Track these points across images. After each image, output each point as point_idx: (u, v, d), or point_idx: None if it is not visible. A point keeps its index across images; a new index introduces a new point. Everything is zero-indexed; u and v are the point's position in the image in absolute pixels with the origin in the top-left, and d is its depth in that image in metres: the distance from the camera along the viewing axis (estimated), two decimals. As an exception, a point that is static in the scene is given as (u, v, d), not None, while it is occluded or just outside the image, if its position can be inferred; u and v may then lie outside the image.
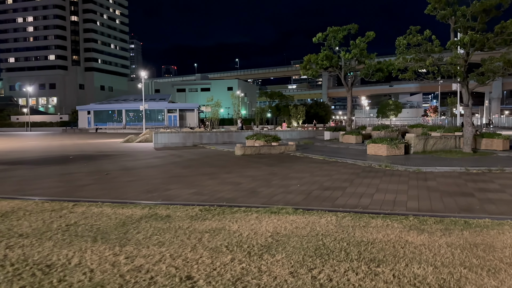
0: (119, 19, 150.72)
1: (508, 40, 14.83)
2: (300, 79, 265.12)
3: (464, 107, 16.06)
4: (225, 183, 10.53)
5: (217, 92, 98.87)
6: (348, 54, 23.70)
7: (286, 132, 31.09)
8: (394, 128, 23.72)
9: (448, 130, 20.55)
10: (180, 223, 6.27)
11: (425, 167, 12.58)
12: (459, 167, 12.35)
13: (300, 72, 25.54)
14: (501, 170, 11.87)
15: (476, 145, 17.28)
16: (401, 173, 11.94)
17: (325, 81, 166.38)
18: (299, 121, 67.32)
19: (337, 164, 14.50)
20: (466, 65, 15.48)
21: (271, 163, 15.22)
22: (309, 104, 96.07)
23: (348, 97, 25.74)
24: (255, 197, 8.66)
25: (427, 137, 17.40)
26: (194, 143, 25.87)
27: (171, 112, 75.09)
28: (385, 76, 24.62)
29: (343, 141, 24.02)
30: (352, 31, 24.63)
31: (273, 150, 19.19)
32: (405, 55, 15.63)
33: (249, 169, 13.32)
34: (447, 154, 16.06)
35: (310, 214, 6.84)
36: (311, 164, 14.77)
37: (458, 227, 5.90)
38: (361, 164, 14.44)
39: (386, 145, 16.23)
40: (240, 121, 41.26)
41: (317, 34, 24.39)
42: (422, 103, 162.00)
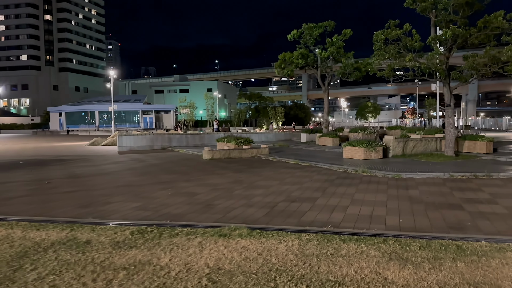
0: (95, 19, 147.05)
1: (491, 36, 13.92)
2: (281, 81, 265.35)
3: (446, 107, 15.08)
4: (179, 194, 9.11)
5: (196, 93, 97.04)
6: (324, 53, 22.58)
7: (262, 134, 29.80)
8: (372, 130, 22.72)
9: (429, 132, 19.62)
10: (97, 254, 4.84)
11: (405, 173, 11.44)
12: (442, 173, 11.25)
13: (275, 71, 24.28)
14: (488, 176, 10.82)
15: (458, 148, 16.36)
16: (379, 180, 10.75)
17: (305, 83, 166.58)
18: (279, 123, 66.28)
19: (310, 170, 13.25)
20: (448, 62, 14.50)
21: (239, 168, 13.86)
22: (289, 106, 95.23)
23: (325, 98, 24.63)
24: (208, 212, 7.27)
25: (406, 140, 16.36)
26: (163, 146, 24.29)
27: (147, 113, 72.87)
28: (363, 75, 23.61)
29: (319, 144, 22.87)
30: (329, 28, 23.53)
31: (244, 153, 17.83)
32: (383, 51, 14.55)
33: (213, 176, 11.92)
34: (428, 158, 15.02)
35: (268, 236, 5.51)
36: (282, 169, 13.48)
37: (449, 255, 4.66)
38: (336, 169, 13.23)
39: (363, 148, 15.09)
40: (216, 122, 39.73)
41: (292, 31, 23.19)
42: (400, 105, 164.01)
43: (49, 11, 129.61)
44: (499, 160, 14.31)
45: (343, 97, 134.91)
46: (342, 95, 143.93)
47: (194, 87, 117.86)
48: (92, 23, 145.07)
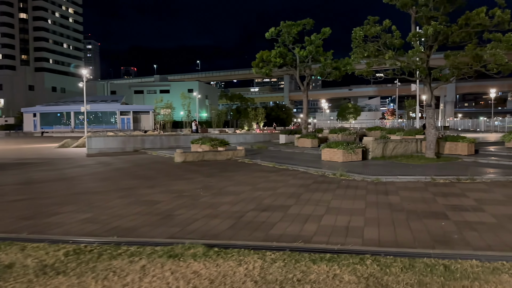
0: (73, 18, 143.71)
1: (473, 34, 13.47)
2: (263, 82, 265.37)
3: (427, 107, 14.58)
4: (138, 202, 8.22)
5: (176, 94, 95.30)
6: (303, 51, 21.91)
7: (240, 136, 28.98)
8: (352, 131, 22.18)
9: (409, 133, 19.15)
10: (13, 283, 3.94)
11: (385, 177, 10.81)
12: (423, 176, 10.66)
13: (253, 70, 23.53)
14: (471, 179, 10.26)
15: (439, 150, 15.88)
16: (358, 185, 10.07)
17: (286, 84, 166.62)
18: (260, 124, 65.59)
19: (286, 173, 12.51)
20: (429, 60, 13.99)
21: (211, 172, 13.01)
22: (270, 107, 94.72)
23: (304, 98, 23.98)
24: (165, 224, 6.41)
25: (386, 141, 15.80)
26: (136, 148, 23.21)
27: (124, 114, 71.16)
28: (342, 75, 23.05)
29: (298, 145, 22.19)
30: (307, 27, 22.90)
31: (219, 156, 16.98)
32: (362, 49, 13.94)
33: (180, 181, 11.04)
34: (409, 160, 14.48)
35: (227, 256, 4.70)
36: (257, 173, 12.70)
37: (436, 279, 3.95)
38: (314, 172, 12.53)
39: (342, 150, 14.44)
40: (194, 123, 38.67)
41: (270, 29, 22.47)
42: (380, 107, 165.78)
43: (25, 9, 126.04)
44: (481, 162, 13.86)
45: (324, 98, 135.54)
46: (324, 96, 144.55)
47: (175, 88, 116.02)
48: (70, 22, 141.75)
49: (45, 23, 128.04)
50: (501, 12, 12.34)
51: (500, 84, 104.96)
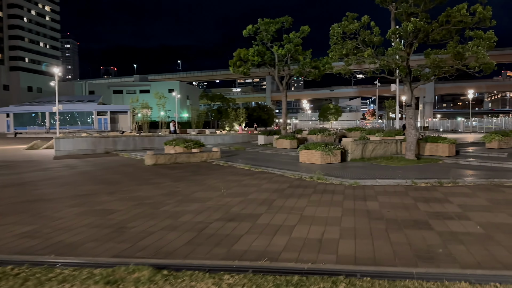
0: (50, 16, 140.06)
1: (453, 32, 13.06)
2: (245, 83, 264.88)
3: (407, 107, 14.12)
4: (92, 212, 7.39)
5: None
6: (281, 50, 21.28)
7: (218, 137, 28.18)
8: (331, 132, 21.68)
9: (388, 134, 18.75)
10: None
11: (364, 180, 10.23)
12: (404, 179, 10.13)
13: (230, 69, 22.76)
14: (453, 182, 9.77)
15: (419, 151, 15.47)
16: (335, 189, 9.46)
17: (268, 84, 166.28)
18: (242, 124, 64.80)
19: (261, 176, 11.82)
20: (409, 58, 13.54)
21: (181, 175, 12.23)
22: (252, 108, 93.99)
23: (283, 98, 23.34)
24: (115, 239, 5.63)
25: (365, 142, 15.29)
26: (107, 150, 22.17)
27: (101, 114, 69.40)
28: (321, 75, 22.52)
29: (277, 146, 21.55)
30: (286, 24, 22.28)
31: (193, 158, 16.18)
32: (340, 46, 13.38)
33: (145, 187, 10.22)
34: (388, 162, 13.99)
35: (176, 282, 3.98)
36: (230, 176, 11.98)
37: (421, 310, 3.30)
38: (290, 175, 11.89)
39: (320, 152, 13.85)
40: (173, 124, 37.67)
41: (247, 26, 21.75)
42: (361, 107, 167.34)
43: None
44: (462, 164, 13.46)
45: (306, 98, 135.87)
46: (305, 97, 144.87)
47: (155, 88, 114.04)
48: (47, 20, 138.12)
49: (20, 21, 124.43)
50: (482, 9, 11.96)
51: (477, 86, 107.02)
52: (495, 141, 16.12)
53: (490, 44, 11.95)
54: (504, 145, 16.44)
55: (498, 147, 16.16)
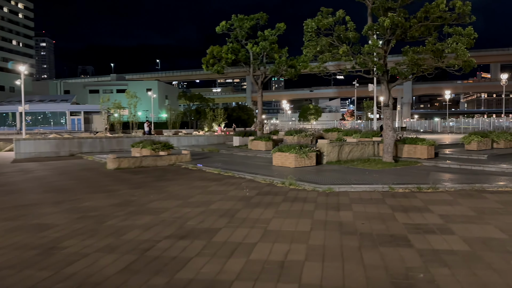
0: (23, 13, 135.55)
1: (432, 28, 12.49)
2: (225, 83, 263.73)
3: (384, 107, 13.50)
4: (24, 227, 6.37)
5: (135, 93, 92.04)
6: (256, 47, 20.43)
7: (192, 138, 27.13)
8: (308, 133, 20.99)
9: (365, 135, 18.13)
10: None
11: (338, 186, 9.48)
12: (381, 185, 9.42)
13: (203, 67, 21.77)
14: (433, 188, 9.12)
15: (397, 153, 14.88)
16: (307, 196, 8.67)
17: (249, 84, 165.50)
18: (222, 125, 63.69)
19: (230, 182, 10.95)
20: (386, 56, 12.91)
21: (142, 181, 11.24)
22: (232, 108, 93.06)
23: (258, 98, 22.53)
24: (36, 265, 4.67)
25: (342, 144, 14.60)
26: (72, 152, 20.89)
27: (75, 114, 67.19)
28: (298, 74, 21.78)
29: (252, 148, 20.72)
30: (261, 21, 21.47)
31: (160, 161, 15.18)
32: (314, 42, 12.63)
33: (98, 195, 9.21)
34: (365, 164, 13.32)
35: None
36: (197, 182, 11.07)
37: None
38: (261, 180, 11.06)
39: (294, 155, 13.07)
40: (147, 124, 36.44)
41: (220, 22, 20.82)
42: (340, 108, 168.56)
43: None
44: (441, 166, 12.90)
45: (286, 99, 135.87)
46: (285, 97, 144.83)
47: (133, 87, 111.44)
48: (20, 17, 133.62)
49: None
50: (462, 4, 11.41)
51: (454, 86, 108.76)
52: (475, 142, 15.68)
53: (470, 41, 11.41)
54: (483, 146, 16.04)
55: (478, 149, 15.73)
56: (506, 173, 11.18)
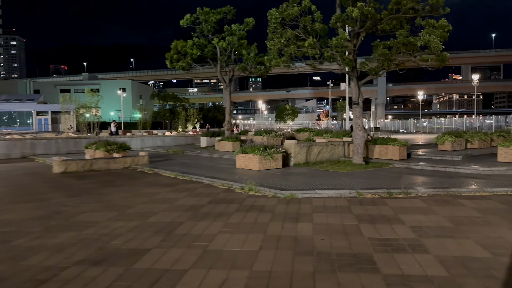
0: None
1: (404, 22, 11.71)
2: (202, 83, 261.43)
3: (354, 105, 12.66)
4: None
5: (107, 93, 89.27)
6: (222, 42, 19.30)
7: (158, 139, 25.76)
8: (278, 133, 20.06)
9: (336, 135, 17.30)
10: None
11: (302, 191, 8.50)
12: (348, 190, 8.49)
13: (167, 63, 20.46)
14: (405, 193, 8.25)
15: (368, 154, 14.08)
16: (266, 204, 7.64)
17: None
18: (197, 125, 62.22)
19: (184, 187, 9.83)
20: (356, 50, 12.06)
21: (85, 188, 9.98)
22: (207, 108, 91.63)
23: (226, 96, 21.43)
24: None
25: (310, 145, 13.67)
26: (24, 154, 19.27)
27: (42, 114, 64.40)
28: (268, 71, 20.75)
29: (219, 149, 19.60)
30: (229, 16, 20.37)
31: (113, 164, 13.88)
32: (279, 35, 11.65)
33: (24, 205, 7.92)
34: (334, 166, 12.43)
35: None
36: (147, 188, 9.89)
37: None
38: (219, 185, 9.98)
39: (258, 156, 12.05)
40: (114, 124, 34.79)
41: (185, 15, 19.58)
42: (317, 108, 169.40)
43: None
44: (414, 168, 12.13)
45: (262, 99, 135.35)
46: (262, 97, 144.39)
47: (106, 87, 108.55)
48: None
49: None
50: (435, -6, 10.65)
51: (427, 87, 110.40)
52: (448, 143, 15.05)
53: (444, 33, 10.66)
54: (457, 147, 15.43)
55: (451, 149, 15.10)
56: (481, 176, 10.46)
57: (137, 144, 23.80)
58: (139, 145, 23.81)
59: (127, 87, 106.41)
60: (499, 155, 12.31)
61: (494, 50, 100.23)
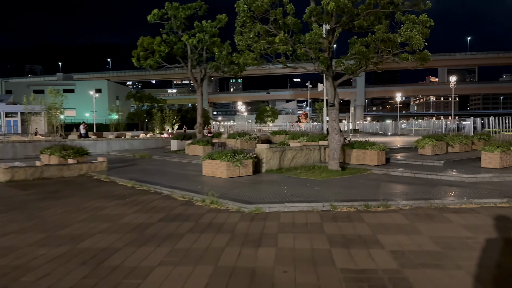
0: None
1: (383, 17, 10.86)
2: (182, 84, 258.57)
3: (329, 107, 11.74)
4: None
5: (82, 94, 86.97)
6: (192, 39, 18.14)
7: (125, 142, 24.29)
8: (253, 136, 19.04)
9: (312, 139, 16.38)
10: None
11: (269, 204, 7.48)
12: (322, 203, 7.51)
13: (133, 61, 19.19)
14: (384, 206, 7.33)
15: (345, 159, 13.20)
16: (226, 222, 6.59)
17: (205, 86, 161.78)
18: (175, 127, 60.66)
19: (138, 200, 8.68)
20: (331, 47, 11.15)
21: (22, 201, 8.72)
22: (186, 109, 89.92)
23: (198, 96, 20.32)
24: None
25: (284, 149, 12.68)
26: (-26, 160, 17.63)
27: (11, 115, 61.73)
28: (243, 70, 19.69)
29: (189, 153, 18.43)
30: (200, 12, 19.25)
31: (67, 171, 12.58)
32: (247, 29, 10.65)
33: None
34: (309, 173, 11.46)
35: None
36: (93, 201, 8.70)
37: None
38: (178, 196, 8.87)
39: (226, 163, 10.98)
40: (83, 126, 33.07)
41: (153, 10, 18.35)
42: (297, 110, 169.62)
43: None
44: (393, 175, 11.28)
45: (243, 100, 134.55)
46: (242, 99, 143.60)
47: (81, 87, 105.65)
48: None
49: None
50: (416, -13, 9.84)
51: (405, 89, 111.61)
52: (429, 147, 14.30)
53: (425, 30, 9.85)
54: (438, 151, 14.71)
55: (432, 153, 14.37)
56: (466, 184, 9.67)
57: (103, 147, 22.38)
58: (105, 149, 22.39)
59: (103, 88, 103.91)
60: (483, 160, 11.59)
61: (470, 53, 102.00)
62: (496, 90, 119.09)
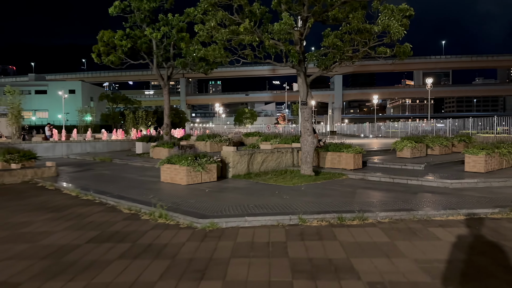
0: None
1: (359, 8, 9.89)
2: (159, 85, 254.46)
3: (302, 105, 10.70)
4: None
5: (56, 95, 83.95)
6: (157, 33, 16.83)
7: (87, 144, 22.70)
8: (224, 138, 17.87)
9: (285, 141, 15.34)
10: None
11: (227, 218, 6.33)
12: (289, 216, 6.41)
13: (93, 57, 17.71)
14: (360, 218, 6.29)
15: (319, 162, 12.19)
16: (170, 242, 5.41)
17: (183, 87, 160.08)
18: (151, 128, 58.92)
19: (76, 212, 7.39)
20: (303, 40, 10.13)
21: None
22: (162, 111, 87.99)
23: (165, 96, 19.02)
24: None
25: (253, 152, 11.55)
26: None
27: (-24, 117, 58.53)
28: (213, 68, 18.52)
29: (153, 156, 17.11)
30: (166, 5, 17.95)
31: (8, 177, 11.12)
32: (210, 17, 9.51)
33: None
34: (279, 179, 10.37)
35: None
36: (22, 214, 7.37)
37: None
38: (124, 208, 7.62)
39: (185, 168, 9.78)
40: (48, 127, 31.22)
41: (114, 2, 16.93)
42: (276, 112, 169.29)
43: None
44: (370, 180, 10.30)
45: (221, 102, 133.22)
46: (221, 100, 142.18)
47: (54, 88, 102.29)
48: None
49: None
50: (395, -26, 8.91)
51: (381, 92, 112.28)
52: (408, 149, 13.46)
53: (405, 21, 8.92)
54: (417, 153, 13.89)
55: (411, 156, 13.53)
56: (450, 190, 8.76)
57: (62, 150, 20.78)
58: (65, 152, 20.79)
59: (77, 89, 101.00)
60: (466, 164, 10.75)
61: (445, 57, 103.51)
62: (469, 93, 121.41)
